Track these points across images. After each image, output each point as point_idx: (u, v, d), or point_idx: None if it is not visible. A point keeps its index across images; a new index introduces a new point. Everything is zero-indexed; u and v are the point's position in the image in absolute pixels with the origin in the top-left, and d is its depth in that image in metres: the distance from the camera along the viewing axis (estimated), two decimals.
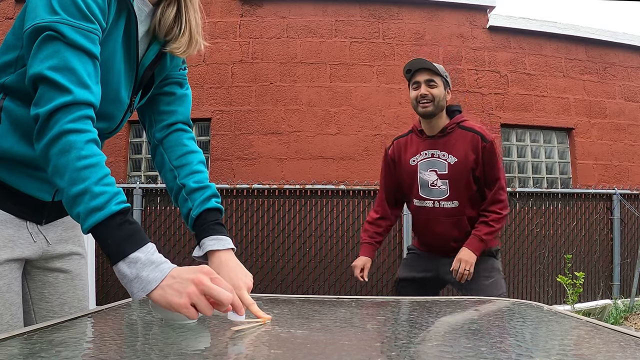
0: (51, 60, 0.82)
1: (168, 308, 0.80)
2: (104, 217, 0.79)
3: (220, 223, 1.08)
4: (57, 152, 0.80)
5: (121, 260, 0.80)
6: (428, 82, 2.32)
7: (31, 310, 1.08)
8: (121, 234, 0.80)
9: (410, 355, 0.69)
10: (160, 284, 0.80)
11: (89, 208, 0.79)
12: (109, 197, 0.80)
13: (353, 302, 1.23)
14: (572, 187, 5.80)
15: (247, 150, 5.48)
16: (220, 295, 0.81)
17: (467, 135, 2.29)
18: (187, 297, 0.79)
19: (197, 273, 0.81)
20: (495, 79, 5.86)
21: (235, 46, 5.62)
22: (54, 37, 0.82)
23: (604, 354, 0.71)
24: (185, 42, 1.03)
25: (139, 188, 4.58)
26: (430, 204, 2.33)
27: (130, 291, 0.81)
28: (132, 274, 0.80)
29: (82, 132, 0.81)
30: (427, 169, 2.34)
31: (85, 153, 0.80)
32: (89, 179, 0.79)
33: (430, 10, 5.84)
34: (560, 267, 4.81)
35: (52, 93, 0.81)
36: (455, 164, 2.28)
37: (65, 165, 0.80)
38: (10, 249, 0.97)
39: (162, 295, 0.80)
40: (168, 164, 1.13)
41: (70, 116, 0.81)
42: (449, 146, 2.30)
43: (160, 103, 1.15)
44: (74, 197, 0.80)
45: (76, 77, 0.83)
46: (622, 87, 6.19)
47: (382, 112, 5.64)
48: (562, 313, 1.06)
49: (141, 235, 0.82)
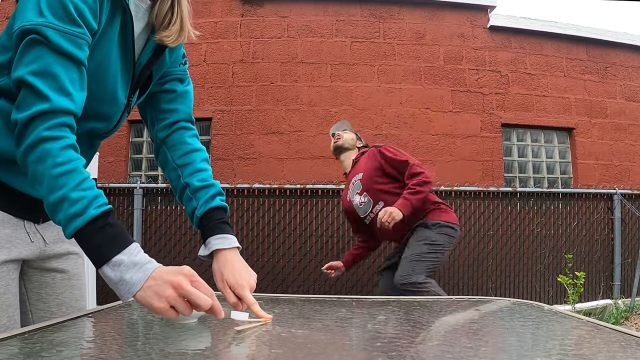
0: (33, 65, 0.81)
1: (150, 309, 0.81)
2: (84, 222, 0.79)
3: (226, 221, 1.08)
4: (34, 159, 0.80)
5: (104, 264, 0.80)
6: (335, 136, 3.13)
7: (28, 311, 1.07)
8: (102, 238, 0.80)
9: (411, 355, 0.69)
10: (143, 285, 0.80)
11: (68, 215, 0.79)
12: (87, 202, 0.80)
13: (354, 302, 1.23)
14: (573, 187, 5.80)
15: (248, 150, 5.48)
16: (199, 300, 0.81)
17: (368, 153, 2.99)
18: (165, 301, 0.80)
19: (178, 275, 0.81)
20: (496, 78, 5.85)
21: (236, 46, 5.62)
22: (38, 41, 0.81)
23: (605, 354, 0.71)
24: (176, 31, 1.02)
25: (140, 188, 4.58)
26: (370, 217, 2.91)
27: (118, 294, 0.82)
28: (116, 277, 0.80)
29: (57, 139, 0.81)
30: (354, 195, 2.96)
31: (61, 160, 0.80)
32: (66, 185, 0.79)
33: (431, 10, 5.84)
34: (561, 267, 4.80)
35: (32, 99, 0.80)
36: (363, 177, 2.91)
37: (42, 173, 0.80)
38: (7, 250, 0.96)
39: (143, 298, 0.80)
40: (171, 163, 1.13)
41: (47, 124, 0.80)
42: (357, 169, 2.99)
43: (161, 101, 1.14)
44: (53, 204, 0.80)
45: (57, 83, 0.82)
46: (623, 87, 6.18)
47: (382, 112, 5.63)
48: (562, 313, 1.05)
49: (123, 236, 0.82)
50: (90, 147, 1.09)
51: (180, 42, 1.04)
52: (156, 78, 1.10)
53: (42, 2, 0.82)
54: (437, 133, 5.64)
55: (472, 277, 4.81)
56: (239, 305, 0.98)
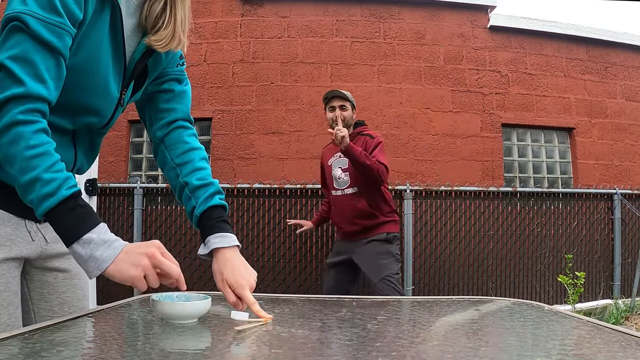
0: (12, 50, 0.83)
1: (123, 281, 0.85)
2: (57, 202, 0.83)
3: (225, 220, 1.07)
4: (7, 142, 0.82)
5: (75, 242, 0.84)
6: (341, 107, 3.25)
7: (31, 310, 1.08)
8: (74, 217, 0.84)
9: (411, 355, 0.69)
10: (114, 260, 0.84)
11: (41, 195, 0.82)
12: (59, 183, 0.83)
13: (354, 302, 1.23)
14: (573, 187, 5.79)
15: (248, 150, 5.48)
16: (170, 269, 0.88)
17: (362, 138, 3.20)
18: (141, 270, 0.85)
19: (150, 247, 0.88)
20: (496, 78, 5.85)
21: (236, 46, 5.62)
22: (19, 28, 0.83)
23: (605, 354, 0.71)
24: (167, 36, 1.01)
25: (140, 188, 4.58)
26: (340, 192, 3.24)
27: (85, 270, 0.85)
28: (86, 254, 0.83)
29: (30, 123, 0.83)
30: (337, 167, 3.27)
31: (34, 142, 0.83)
32: (39, 166, 0.82)
33: (431, 10, 5.83)
34: (561, 267, 4.80)
35: (7, 82, 0.83)
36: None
37: (14, 154, 0.82)
38: (8, 248, 0.97)
39: (117, 270, 0.84)
40: (170, 162, 1.13)
41: (21, 107, 0.83)
42: None
43: (159, 101, 1.14)
44: (25, 185, 0.83)
45: (33, 69, 0.84)
46: (623, 87, 6.18)
47: (382, 112, 5.63)
48: (562, 313, 1.05)
49: (93, 217, 0.86)
50: (91, 148, 1.09)
51: (170, 48, 1.04)
52: (152, 76, 1.10)
53: None
54: (437, 133, 5.64)
55: (472, 277, 4.81)
56: (239, 304, 0.98)
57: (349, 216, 3.16)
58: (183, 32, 1.05)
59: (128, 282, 0.85)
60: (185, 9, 1.04)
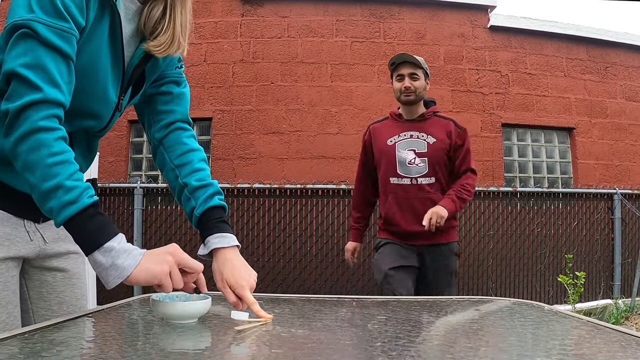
0: (24, 58, 0.83)
1: (150, 279, 0.85)
2: (78, 209, 0.82)
3: (224, 220, 1.07)
4: (27, 149, 0.82)
5: (96, 249, 0.83)
6: (411, 75, 2.55)
7: (29, 310, 1.08)
8: (95, 225, 0.84)
9: (411, 355, 0.69)
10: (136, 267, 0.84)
11: (62, 202, 0.82)
12: (80, 191, 0.83)
13: (354, 302, 1.23)
14: (573, 186, 5.79)
15: (248, 150, 5.48)
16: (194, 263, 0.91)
17: (442, 121, 2.59)
18: (167, 265, 0.86)
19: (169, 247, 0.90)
20: (496, 78, 5.85)
21: (236, 46, 5.62)
22: (28, 35, 0.83)
23: (605, 354, 0.71)
24: (166, 41, 1.01)
25: (140, 188, 4.58)
26: (408, 181, 2.52)
27: (105, 279, 0.84)
28: (107, 262, 0.83)
29: (51, 130, 0.83)
30: (406, 149, 2.54)
31: (56, 150, 0.83)
32: (61, 174, 0.82)
33: (431, 9, 5.83)
34: (561, 267, 4.80)
35: (23, 89, 0.82)
36: (434, 144, 2.52)
37: (36, 162, 0.82)
38: (6, 247, 0.97)
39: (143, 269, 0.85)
40: (169, 163, 1.13)
41: (41, 114, 0.83)
42: (427, 129, 2.55)
43: (157, 103, 1.14)
44: (46, 192, 0.82)
45: (48, 75, 0.84)
46: (623, 86, 6.18)
47: (383, 112, 5.61)
48: (563, 313, 1.05)
49: (112, 226, 0.86)
50: (89, 150, 1.10)
51: (169, 53, 1.03)
52: (149, 80, 1.10)
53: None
54: None
55: (472, 277, 4.81)
56: (239, 305, 0.98)
57: (420, 213, 2.43)
58: (183, 36, 1.04)
59: (155, 280, 0.85)
60: (185, 13, 1.04)
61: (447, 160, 2.54)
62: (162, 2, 1.01)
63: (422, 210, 2.44)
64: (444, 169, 2.54)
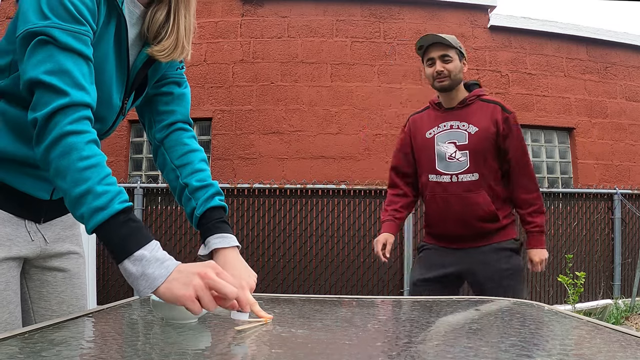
0: (46, 65, 0.82)
1: (174, 301, 0.80)
2: (108, 216, 0.79)
3: (225, 221, 1.08)
4: (58, 154, 0.80)
5: (126, 258, 0.80)
6: (442, 57, 2.22)
7: (30, 309, 1.08)
8: (125, 232, 0.80)
9: (411, 355, 0.69)
10: (166, 278, 0.80)
11: (92, 208, 0.79)
12: (112, 197, 0.80)
13: (354, 302, 1.23)
14: (573, 186, 5.79)
15: (248, 150, 5.48)
16: (226, 289, 0.81)
17: (487, 106, 2.23)
18: (192, 289, 0.79)
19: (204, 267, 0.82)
20: (496, 78, 5.85)
21: (236, 46, 5.62)
22: (46, 42, 0.82)
23: (605, 354, 0.71)
24: (170, 46, 1.01)
25: (140, 188, 4.58)
26: (448, 178, 2.21)
27: (136, 289, 0.81)
28: (137, 272, 0.80)
29: (82, 133, 0.81)
30: (446, 141, 2.23)
31: (87, 154, 0.81)
32: (91, 179, 0.79)
33: (431, 10, 5.84)
34: (561, 266, 4.80)
35: (49, 96, 0.81)
36: (476, 134, 2.19)
37: (67, 166, 0.80)
38: (7, 247, 0.97)
39: (168, 289, 0.79)
40: (170, 164, 1.13)
41: (69, 118, 0.81)
42: (469, 117, 2.22)
43: (158, 103, 1.15)
44: (77, 197, 0.80)
45: (72, 79, 0.83)
46: (623, 86, 6.18)
47: (383, 112, 5.63)
48: (563, 313, 1.05)
49: (145, 232, 0.82)
50: None
51: (174, 58, 1.02)
52: (152, 82, 1.11)
53: (43, 5, 0.83)
54: None
55: None
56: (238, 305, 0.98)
57: (466, 215, 2.17)
58: (187, 40, 1.04)
59: (178, 302, 0.79)
60: (189, 16, 1.04)
61: (496, 153, 2.21)
62: (166, 6, 1.01)
63: (462, 213, 2.17)
64: (492, 163, 2.20)
